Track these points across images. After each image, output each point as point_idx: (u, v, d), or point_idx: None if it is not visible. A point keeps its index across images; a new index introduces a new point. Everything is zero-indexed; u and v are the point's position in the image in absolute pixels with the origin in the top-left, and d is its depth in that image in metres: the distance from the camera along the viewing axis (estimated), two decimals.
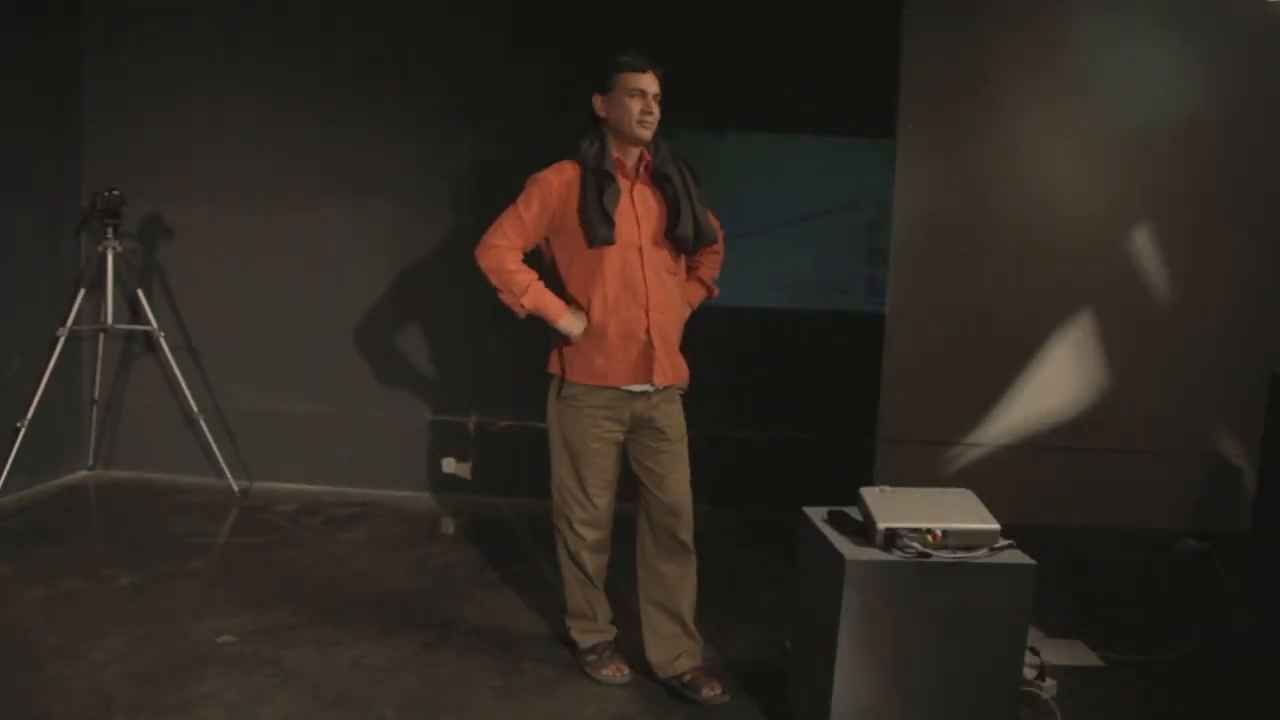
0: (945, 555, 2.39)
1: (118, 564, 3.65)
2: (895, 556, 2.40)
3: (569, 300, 2.82)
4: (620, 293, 2.75)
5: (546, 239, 2.87)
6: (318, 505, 4.54)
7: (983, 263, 4.59)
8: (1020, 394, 4.66)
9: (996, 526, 2.46)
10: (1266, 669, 3.25)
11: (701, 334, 3.12)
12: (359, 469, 4.80)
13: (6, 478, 4.22)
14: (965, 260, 4.59)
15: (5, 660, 2.86)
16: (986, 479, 4.26)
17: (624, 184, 2.78)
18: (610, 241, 2.71)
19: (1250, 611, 3.68)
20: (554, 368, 2.88)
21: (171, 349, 4.58)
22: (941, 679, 2.43)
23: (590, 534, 2.90)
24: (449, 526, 4.42)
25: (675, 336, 2.87)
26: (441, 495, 4.77)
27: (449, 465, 4.80)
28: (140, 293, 4.57)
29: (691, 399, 3.01)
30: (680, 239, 2.80)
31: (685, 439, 2.92)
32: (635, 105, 2.71)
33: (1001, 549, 2.44)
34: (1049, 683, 2.83)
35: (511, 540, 4.21)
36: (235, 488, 4.62)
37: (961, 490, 2.62)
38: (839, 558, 2.39)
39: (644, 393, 2.79)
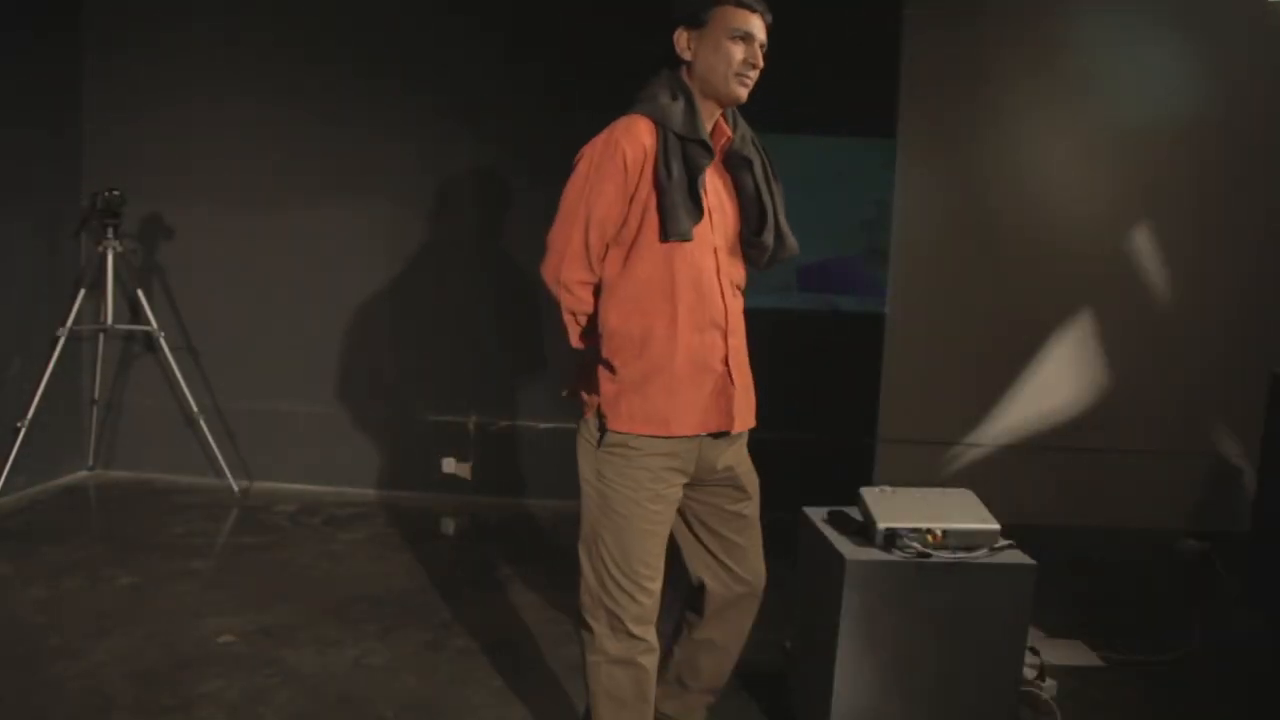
0: (945, 555, 2.39)
1: (118, 564, 3.65)
2: (895, 556, 2.40)
3: (612, 323, 2.08)
4: (694, 307, 2.05)
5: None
6: (318, 505, 4.54)
7: (982, 262, 4.59)
8: (1020, 394, 4.66)
9: (996, 526, 2.46)
10: (1266, 669, 3.25)
11: None
12: (359, 469, 4.80)
13: (6, 478, 4.22)
14: (965, 260, 4.59)
15: (5, 660, 2.86)
16: (986, 479, 4.27)
17: None
18: (688, 237, 2.01)
19: (1250, 611, 3.68)
20: (589, 410, 2.12)
21: (171, 349, 4.58)
22: (941, 679, 2.43)
23: (648, 634, 2.13)
24: (449, 526, 4.42)
25: (749, 369, 2.22)
26: (441, 495, 4.77)
27: (449, 465, 4.80)
28: (140, 293, 4.57)
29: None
30: (759, 246, 2.15)
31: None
32: (737, 51, 2.01)
33: (1001, 549, 2.44)
34: (1049, 683, 2.83)
35: (511, 540, 4.21)
36: (235, 488, 4.62)
37: (961, 490, 2.62)
38: (839, 558, 2.39)
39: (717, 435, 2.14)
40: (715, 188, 2.12)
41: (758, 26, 2.04)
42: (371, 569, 3.79)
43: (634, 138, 2.00)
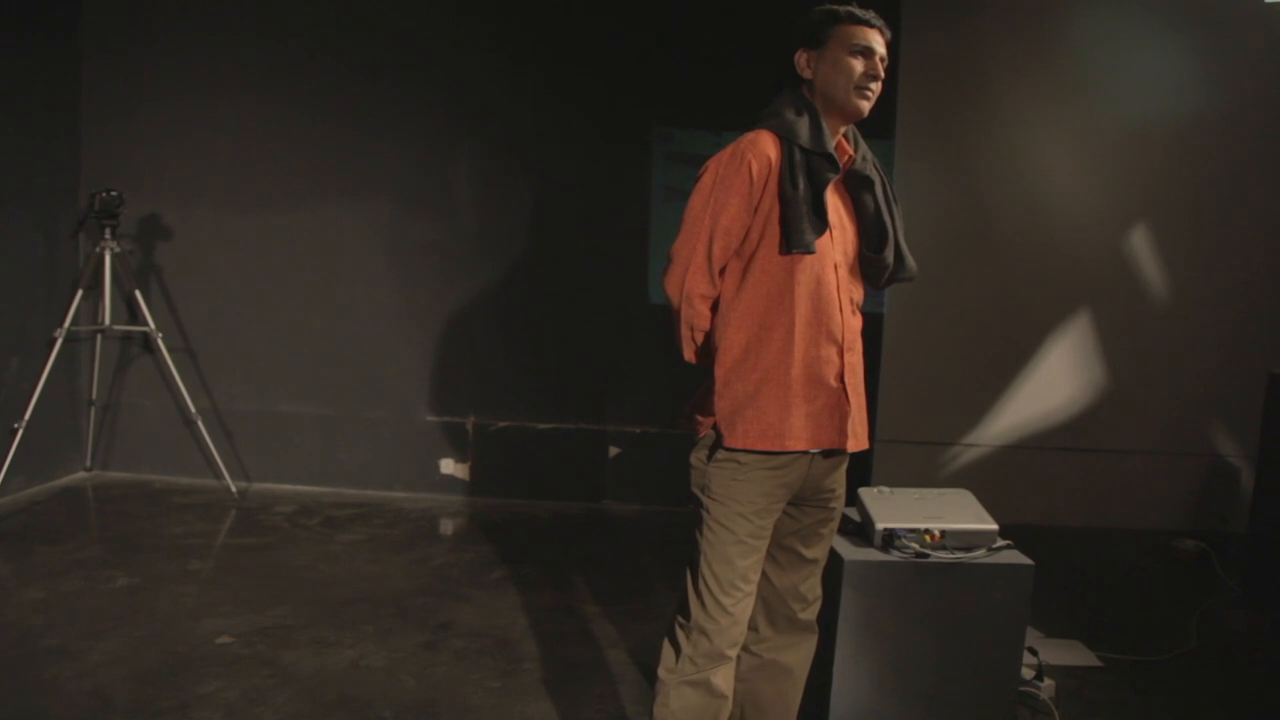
0: (943, 555, 2.39)
1: (116, 565, 3.65)
2: (893, 557, 2.40)
3: (729, 336, 2.07)
4: (811, 321, 2.04)
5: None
6: (316, 506, 4.54)
7: (982, 263, 4.59)
8: (1020, 394, 4.66)
9: (995, 526, 2.46)
10: (1266, 669, 3.24)
11: None
12: (358, 469, 4.80)
13: (4, 479, 4.20)
14: (964, 260, 4.59)
15: (5, 661, 2.85)
16: (986, 479, 4.27)
17: None
18: (811, 249, 2.00)
19: (1249, 611, 3.68)
20: (702, 431, 2.12)
21: (169, 350, 4.58)
22: (940, 679, 2.43)
23: (734, 653, 2.12)
24: (448, 527, 4.42)
25: (864, 389, 2.19)
26: (441, 495, 4.77)
27: (448, 466, 4.80)
28: (138, 293, 4.57)
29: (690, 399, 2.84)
30: (879, 264, 2.12)
31: None
32: (858, 66, 2.04)
33: (1000, 549, 2.44)
34: (1047, 682, 2.83)
35: (510, 540, 4.20)
36: (233, 489, 4.62)
37: (960, 490, 2.62)
38: (838, 558, 2.39)
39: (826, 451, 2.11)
40: (835, 206, 2.11)
41: (877, 41, 2.06)
42: (370, 570, 3.78)
43: (759, 150, 2.01)
